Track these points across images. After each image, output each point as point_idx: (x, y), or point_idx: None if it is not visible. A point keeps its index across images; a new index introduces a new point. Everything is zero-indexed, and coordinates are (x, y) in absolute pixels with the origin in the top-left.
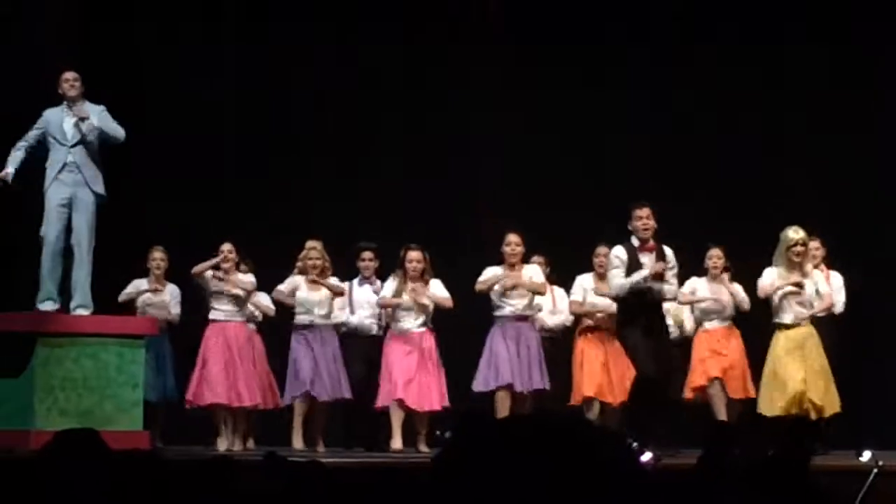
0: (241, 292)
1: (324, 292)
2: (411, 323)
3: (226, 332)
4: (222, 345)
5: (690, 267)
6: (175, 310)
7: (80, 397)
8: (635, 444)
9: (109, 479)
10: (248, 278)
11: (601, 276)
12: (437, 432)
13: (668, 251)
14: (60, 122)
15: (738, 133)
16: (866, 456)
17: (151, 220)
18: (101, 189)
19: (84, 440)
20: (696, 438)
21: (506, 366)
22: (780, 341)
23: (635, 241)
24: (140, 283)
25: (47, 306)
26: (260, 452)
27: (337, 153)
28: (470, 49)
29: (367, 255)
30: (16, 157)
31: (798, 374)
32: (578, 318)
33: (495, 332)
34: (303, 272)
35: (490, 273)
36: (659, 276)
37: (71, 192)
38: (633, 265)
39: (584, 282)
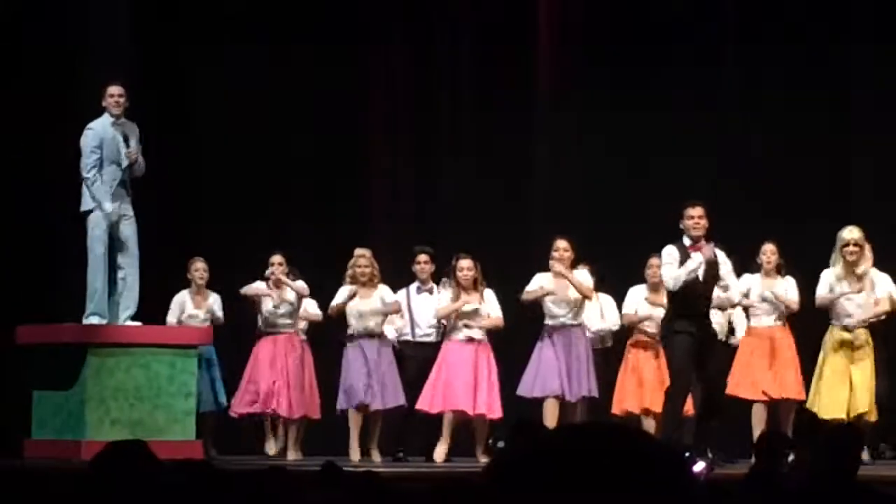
0: (293, 298)
1: (375, 301)
2: (469, 332)
3: (276, 344)
4: (271, 356)
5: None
6: (219, 313)
7: (131, 407)
8: (688, 454)
9: (160, 490)
10: (302, 283)
11: (654, 288)
12: (490, 441)
13: (720, 253)
14: (114, 142)
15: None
16: None
17: (191, 230)
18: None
19: (132, 451)
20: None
21: (554, 374)
22: (830, 342)
23: (686, 241)
24: (182, 300)
25: (93, 321)
26: (313, 462)
27: (382, 159)
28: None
29: (423, 258)
30: (100, 190)
31: (844, 376)
32: (630, 329)
33: (545, 338)
34: (353, 281)
35: (536, 282)
36: (712, 264)
37: (119, 206)
38: (684, 264)
39: (637, 293)
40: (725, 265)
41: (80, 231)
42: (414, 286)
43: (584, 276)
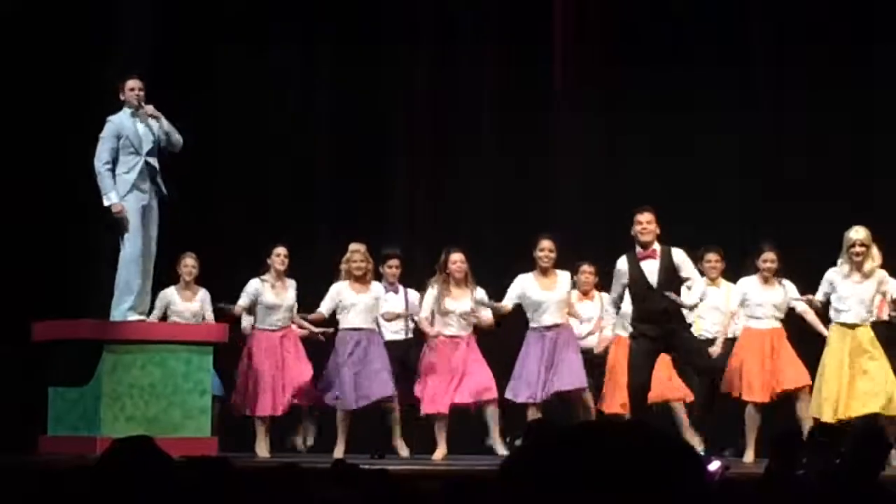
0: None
1: (370, 296)
2: (455, 329)
3: (271, 341)
4: (267, 353)
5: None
6: (209, 314)
7: (147, 404)
8: (703, 453)
9: (171, 486)
10: (292, 296)
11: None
12: (507, 439)
13: (679, 252)
14: (135, 129)
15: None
16: None
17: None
18: (164, 189)
19: (139, 447)
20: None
21: (534, 379)
22: (831, 339)
23: (637, 248)
24: (167, 295)
25: (132, 317)
26: (324, 460)
27: (377, 156)
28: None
29: (395, 262)
30: (109, 183)
31: (839, 374)
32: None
33: (529, 341)
34: (347, 276)
35: (518, 284)
36: (668, 270)
37: (146, 201)
38: (638, 275)
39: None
40: (686, 264)
41: (95, 227)
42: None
43: (566, 278)
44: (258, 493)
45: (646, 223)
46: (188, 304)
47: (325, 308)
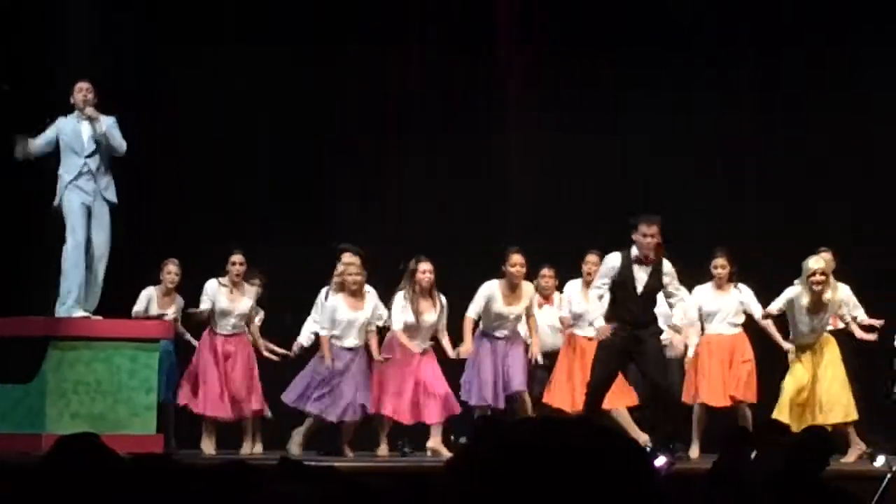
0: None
1: (364, 314)
2: (420, 345)
3: (221, 345)
4: (214, 355)
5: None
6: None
7: (92, 401)
8: (649, 448)
9: (115, 484)
10: (247, 304)
11: (589, 285)
12: (452, 438)
13: (667, 266)
14: (76, 131)
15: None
16: (880, 461)
17: (162, 229)
18: (113, 197)
19: (86, 445)
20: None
21: (488, 383)
22: (793, 357)
23: (634, 251)
24: (150, 295)
25: (77, 313)
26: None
27: (352, 160)
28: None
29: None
30: (63, 181)
31: (799, 379)
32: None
33: (482, 345)
34: (340, 289)
35: (483, 295)
36: (657, 276)
37: (89, 199)
38: (626, 278)
39: (571, 290)
40: (674, 278)
41: (49, 225)
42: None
43: (530, 290)
44: (204, 490)
45: (651, 235)
46: (164, 310)
47: (325, 326)
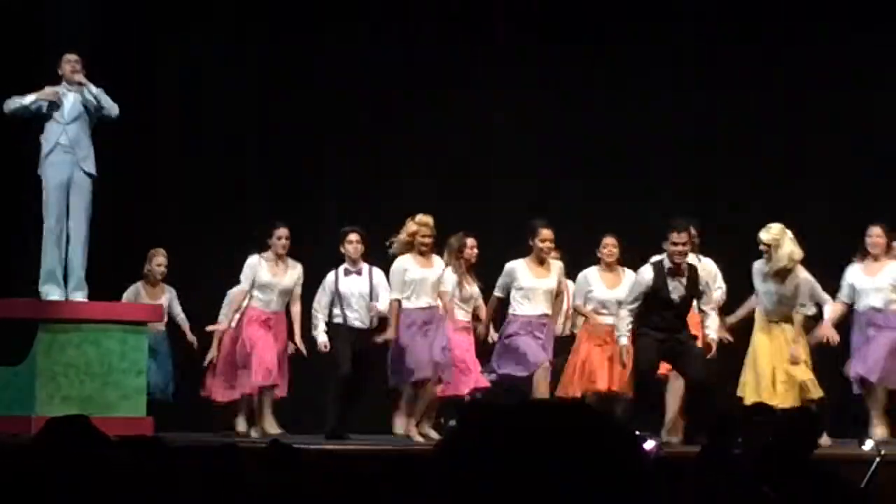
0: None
1: (434, 271)
2: (463, 315)
3: (265, 317)
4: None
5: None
6: (177, 309)
7: (82, 384)
8: (639, 432)
9: (106, 465)
10: (291, 280)
11: (608, 267)
12: (441, 420)
13: (709, 261)
14: (60, 100)
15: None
16: (869, 445)
17: (151, 219)
18: (92, 169)
19: (75, 427)
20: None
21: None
22: (757, 322)
23: (667, 263)
24: (137, 289)
25: (54, 293)
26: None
27: (348, 154)
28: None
29: (355, 237)
30: (43, 150)
31: (767, 356)
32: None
33: (517, 330)
34: (407, 249)
35: (507, 275)
36: (693, 283)
37: (67, 173)
38: (660, 289)
39: (590, 275)
40: (711, 281)
41: (27, 204)
42: (342, 268)
43: (559, 268)
44: (193, 472)
45: (682, 244)
46: (153, 301)
47: (397, 292)
